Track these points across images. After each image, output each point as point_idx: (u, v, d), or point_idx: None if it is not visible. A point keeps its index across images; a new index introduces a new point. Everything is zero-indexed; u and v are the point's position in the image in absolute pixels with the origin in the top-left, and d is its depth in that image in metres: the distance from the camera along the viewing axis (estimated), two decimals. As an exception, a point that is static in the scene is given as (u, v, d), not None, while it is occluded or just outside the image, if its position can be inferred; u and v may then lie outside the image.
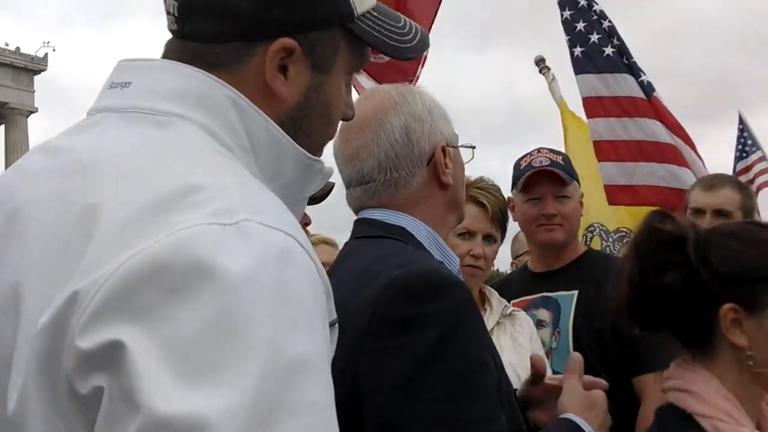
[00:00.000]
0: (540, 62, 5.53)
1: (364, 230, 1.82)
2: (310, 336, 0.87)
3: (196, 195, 0.90)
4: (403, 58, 1.29)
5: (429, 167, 1.79)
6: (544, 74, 5.51)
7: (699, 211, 3.49)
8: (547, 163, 3.10)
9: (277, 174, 1.12)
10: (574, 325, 2.95)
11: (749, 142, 8.03)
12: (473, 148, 1.99)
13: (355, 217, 1.88)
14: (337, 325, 1.07)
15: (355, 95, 1.55)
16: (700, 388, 1.68)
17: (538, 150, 3.20)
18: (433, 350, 1.46)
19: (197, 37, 1.12)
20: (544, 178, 3.08)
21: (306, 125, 1.18)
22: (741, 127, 8.08)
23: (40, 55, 45.85)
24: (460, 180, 1.88)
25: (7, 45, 43.92)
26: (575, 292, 3.02)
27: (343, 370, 1.41)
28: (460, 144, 1.91)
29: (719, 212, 3.44)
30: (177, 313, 0.82)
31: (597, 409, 1.78)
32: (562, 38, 4.97)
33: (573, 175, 3.17)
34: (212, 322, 0.81)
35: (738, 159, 8.08)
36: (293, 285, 0.87)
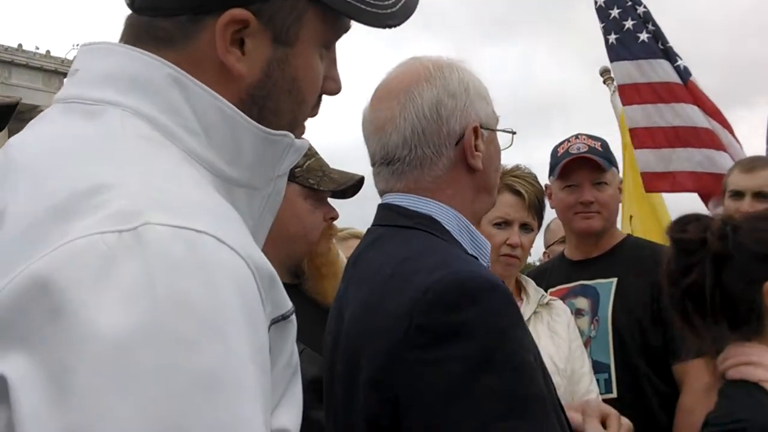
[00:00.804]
0: (605, 73, 5.47)
1: (389, 217, 1.70)
2: (219, 348, 0.77)
3: (100, 195, 0.82)
4: (383, 27, 1.13)
5: (457, 148, 1.67)
6: (607, 85, 5.46)
7: (738, 194, 3.46)
8: (585, 150, 3.07)
9: (238, 154, 1.02)
10: (613, 314, 2.94)
11: None
12: (514, 133, 1.86)
13: (380, 201, 1.77)
14: (293, 316, 0.97)
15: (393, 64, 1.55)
16: (761, 358, 1.80)
17: (576, 136, 3.17)
18: (481, 360, 1.39)
19: (145, 10, 1.04)
20: (581, 165, 3.06)
21: (272, 103, 1.07)
22: None
23: (70, 57, 46.42)
24: (493, 165, 1.77)
25: (38, 48, 44.43)
26: (614, 280, 3.00)
27: (380, 379, 1.45)
28: (499, 128, 1.79)
29: (759, 194, 3.40)
30: (62, 340, 0.73)
31: None
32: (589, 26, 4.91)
33: (612, 162, 3.14)
34: (98, 349, 0.72)
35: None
36: (195, 295, 0.77)
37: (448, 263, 1.51)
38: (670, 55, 4.70)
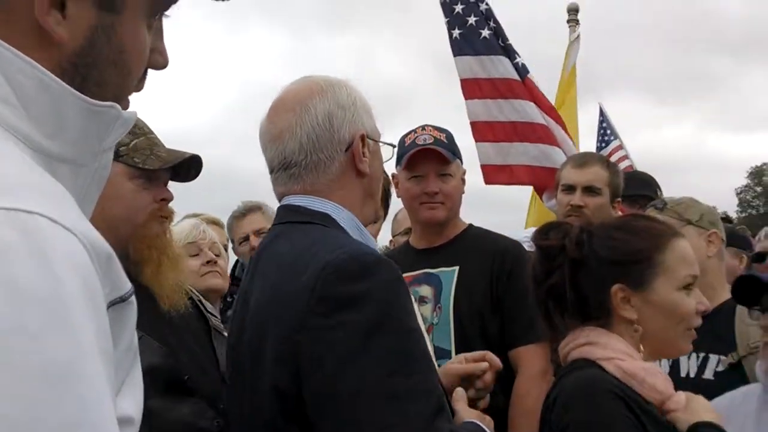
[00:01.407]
0: (572, 12, 5.54)
1: (288, 216, 1.87)
2: (64, 338, 0.73)
3: None
4: None
5: (347, 154, 1.86)
6: (570, 27, 5.52)
7: (570, 188, 3.64)
8: (431, 141, 3.12)
9: (60, 128, 0.93)
10: (454, 301, 3.02)
11: (608, 131, 8.43)
12: (394, 146, 2.12)
13: (279, 204, 1.94)
14: (133, 297, 0.94)
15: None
16: (601, 340, 1.99)
17: (423, 127, 3.21)
18: (374, 324, 1.57)
19: None
20: (427, 156, 3.11)
21: (96, 74, 0.98)
22: (601, 118, 8.46)
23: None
24: (377, 173, 1.97)
25: None
26: (456, 268, 3.08)
27: (285, 347, 1.61)
28: (381, 140, 2.00)
29: (589, 189, 3.60)
30: None
31: (487, 421, 1.89)
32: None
33: (456, 153, 3.21)
34: None
35: (599, 149, 8.47)
36: (31, 282, 0.72)
37: (344, 245, 1.72)
38: (509, 52, 4.91)
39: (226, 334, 2.28)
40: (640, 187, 4.38)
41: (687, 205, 3.10)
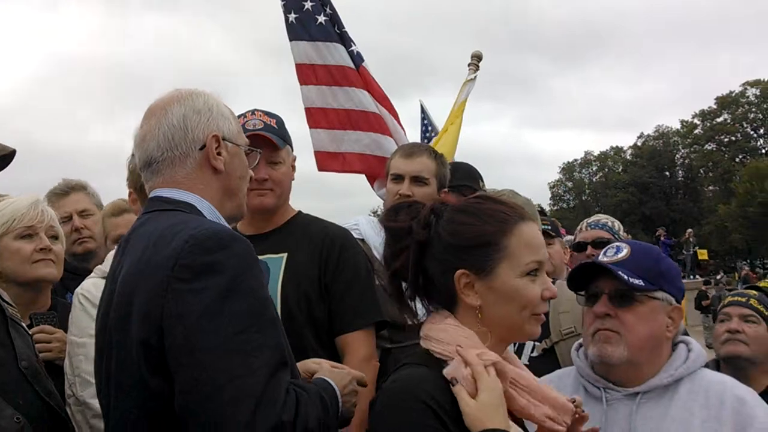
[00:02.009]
0: (475, 58, 5.51)
1: (156, 205, 2.11)
2: None
3: None
4: None
5: (202, 152, 2.13)
6: (470, 69, 5.51)
7: (398, 177, 3.72)
8: (261, 127, 3.07)
9: None
10: (282, 287, 2.99)
11: (429, 127, 8.68)
12: (260, 152, 2.45)
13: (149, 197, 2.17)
14: None
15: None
16: (440, 335, 1.95)
17: (252, 112, 3.15)
18: (228, 289, 1.83)
19: None
20: (256, 142, 3.04)
21: None
22: (423, 115, 8.68)
23: None
24: (237, 173, 2.21)
25: None
26: (284, 255, 3.06)
27: (151, 308, 1.85)
28: (243, 146, 2.26)
29: (416, 178, 3.68)
30: None
31: (344, 379, 2.19)
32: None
33: (286, 140, 3.16)
34: None
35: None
36: None
37: (204, 223, 2.00)
38: (345, 39, 4.92)
39: (24, 324, 2.44)
40: (463, 178, 4.52)
41: (507, 197, 3.20)
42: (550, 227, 4.26)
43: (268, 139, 3.05)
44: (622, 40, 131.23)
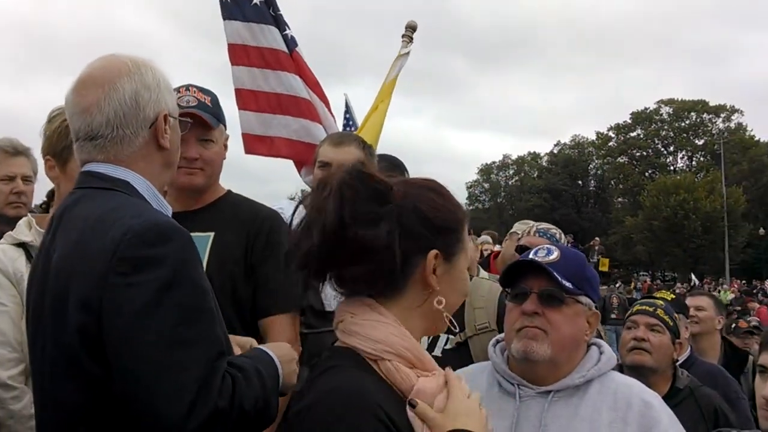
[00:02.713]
0: (409, 29, 5.36)
1: (90, 181, 2.06)
2: None
3: None
4: None
5: (151, 130, 2.09)
6: (404, 41, 5.35)
7: (326, 165, 3.69)
8: (195, 104, 2.98)
9: None
10: (207, 266, 2.91)
11: (351, 122, 8.70)
12: (190, 122, 2.44)
13: (81, 169, 2.12)
14: None
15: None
16: (373, 333, 1.72)
17: (187, 87, 3.05)
18: (169, 282, 1.82)
19: None
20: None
21: None
22: (346, 108, 8.68)
23: None
24: (176, 145, 2.19)
25: None
26: (211, 234, 2.99)
27: (88, 299, 1.83)
28: (179, 117, 2.22)
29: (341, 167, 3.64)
30: None
31: (283, 348, 2.17)
32: None
33: (220, 119, 3.10)
34: None
35: (344, 136, 8.63)
36: None
37: (143, 212, 1.96)
38: (279, 22, 4.86)
39: None
40: (389, 169, 4.54)
41: None
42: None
43: (200, 118, 2.96)
44: (542, 50, 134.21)
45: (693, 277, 47.18)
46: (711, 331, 5.09)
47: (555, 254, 2.46)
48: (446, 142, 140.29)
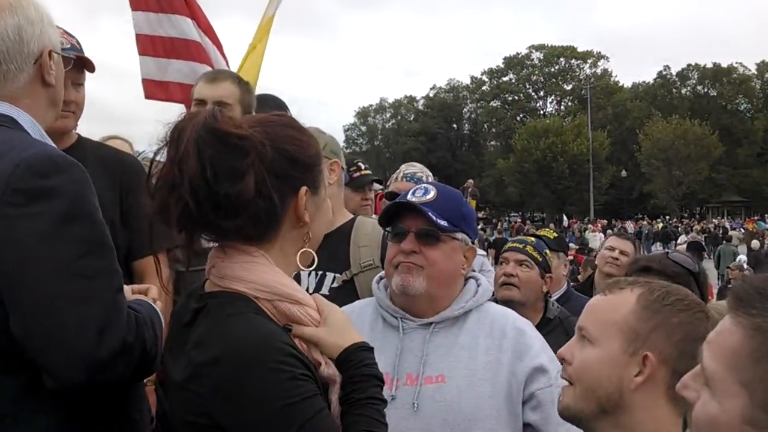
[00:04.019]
0: None
1: None
2: None
3: None
4: None
5: (35, 66, 1.99)
6: None
7: (201, 102, 3.60)
8: (69, 47, 2.90)
9: None
10: None
11: None
12: (73, 59, 2.35)
13: None
14: None
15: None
16: (242, 272, 1.71)
17: (69, 34, 2.97)
18: (67, 213, 1.76)
19: None
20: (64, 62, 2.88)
21: None
22: None
23: None
24: (60, 83, 2.10)
25: None
26: None
27: None
28: (62, 53, 2.13)
29: (219, 104, 3.52)
30: None
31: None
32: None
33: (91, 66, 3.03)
34: None
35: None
36: None
37: (35, 145, 1.87)
38: (175, -35, 4.85)
39: None
40: (271, 108, 4.61)
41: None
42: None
43: (85, 60, 2.95)
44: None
45: (565, 218, 49.08)
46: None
47: (432, 194, 2.52)
48: (319, 84, 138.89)
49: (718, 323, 1.33)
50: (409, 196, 2.55)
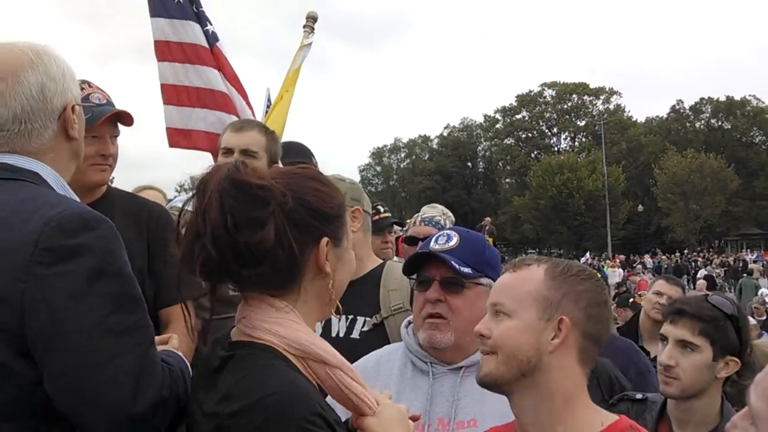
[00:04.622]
0: (310, 19, 5.39)
1: None
2: None
3: None
4: None
5: (59, 122, 2.00)
6: (305, 32, 5.39)
7: (229, 151, 3.70)
8: (105, 102, 2.99)
9: None
10: None
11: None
12: (94, 106, 2.40)
13: None
14: None
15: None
16: (276, 327, 1.72)
17: (89, 84, 3.02)
18: (97, 270, 1.76)
19: None
20: (107, 119, 2.96)
21: None
22: (268, 103, 8.65)
23: None
24: (82, 134, 2.10)
25: None
26: None
27: (5, 296, 1.71)
28: (100, 109, 2.16)
29: (246, 152, 3.67)
30: None
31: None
32: None
33: None
34: None
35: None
36: None
37: (63, 202, 1.86)
38: (201, 18, 4.96)
39: None
40: (297, 155, 4.64)
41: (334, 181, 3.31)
42: None
43: (120, 115, 3.00)
44: (422, 31, 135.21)
45: (588, 255, 48.73)
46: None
47: (454, 240, 2.53)
48: (334, 126, 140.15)
49: (766, 362, 1.36)
50: (432, 244, 2.57)
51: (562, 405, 1.90)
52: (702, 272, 35.62)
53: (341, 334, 3.14)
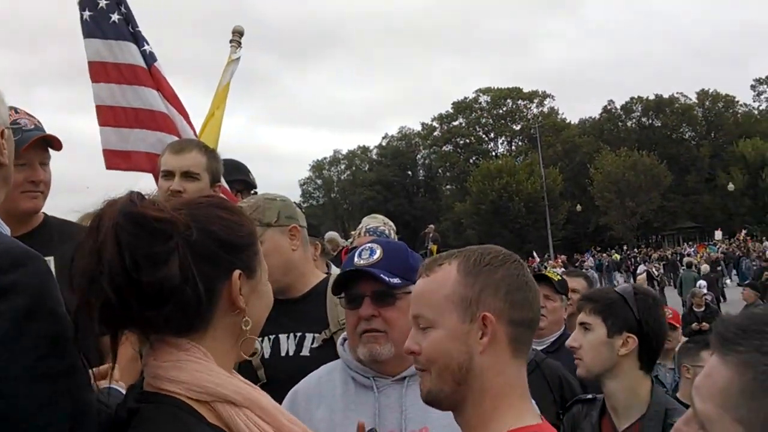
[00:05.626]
0: (236, 34, 5.33)
1: None
2: None
3: None
4: None
5: None
6: (232, 47, 5.32)
7: (169, 174, 3.63)
8: (32, 128, 2.93)
9: None
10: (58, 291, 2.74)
11: None
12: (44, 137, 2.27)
13: None
14: None
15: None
16: (176, 372, 1.60)
17: (16, 110, 2.93)
18: (29, 311, 1.61)
19: None
20: (34, 144, 2.90)
21: None
22: None
23: None
24: (11, 159, 1.98)
25: None
26: (51, 258, 2.66)
27: None
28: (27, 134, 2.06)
29: (187, 174, 3.62)
30: None
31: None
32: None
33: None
34: None
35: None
36: None
37: None
38: (138, 38, 4.88)
39: None
40: (234, 172, 4.66)
41: (264, 208, 3.18)
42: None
43: (48, 139, 2.95)
44: (353, 43, 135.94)
45: (535, 255, 49.43)
46: None
47: (378, 253, 2.51)
48: (270, 141, 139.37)
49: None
50: (356, 260, 2.54)
51: (490, 406, 1.77)
52: (642, 267, 36.44)
53: (290, 353, 3.10)
